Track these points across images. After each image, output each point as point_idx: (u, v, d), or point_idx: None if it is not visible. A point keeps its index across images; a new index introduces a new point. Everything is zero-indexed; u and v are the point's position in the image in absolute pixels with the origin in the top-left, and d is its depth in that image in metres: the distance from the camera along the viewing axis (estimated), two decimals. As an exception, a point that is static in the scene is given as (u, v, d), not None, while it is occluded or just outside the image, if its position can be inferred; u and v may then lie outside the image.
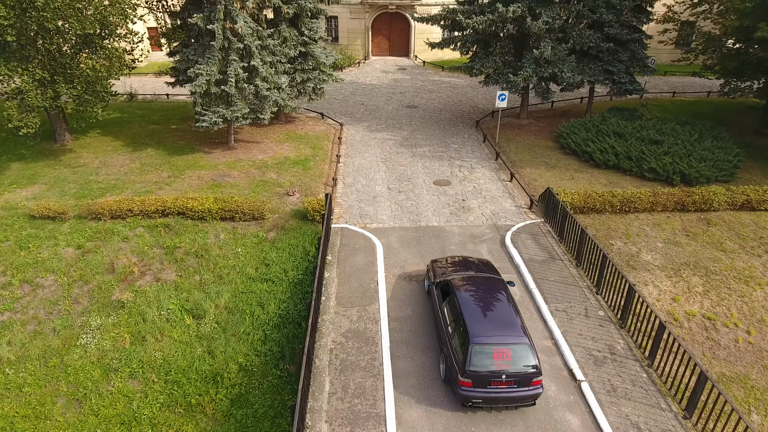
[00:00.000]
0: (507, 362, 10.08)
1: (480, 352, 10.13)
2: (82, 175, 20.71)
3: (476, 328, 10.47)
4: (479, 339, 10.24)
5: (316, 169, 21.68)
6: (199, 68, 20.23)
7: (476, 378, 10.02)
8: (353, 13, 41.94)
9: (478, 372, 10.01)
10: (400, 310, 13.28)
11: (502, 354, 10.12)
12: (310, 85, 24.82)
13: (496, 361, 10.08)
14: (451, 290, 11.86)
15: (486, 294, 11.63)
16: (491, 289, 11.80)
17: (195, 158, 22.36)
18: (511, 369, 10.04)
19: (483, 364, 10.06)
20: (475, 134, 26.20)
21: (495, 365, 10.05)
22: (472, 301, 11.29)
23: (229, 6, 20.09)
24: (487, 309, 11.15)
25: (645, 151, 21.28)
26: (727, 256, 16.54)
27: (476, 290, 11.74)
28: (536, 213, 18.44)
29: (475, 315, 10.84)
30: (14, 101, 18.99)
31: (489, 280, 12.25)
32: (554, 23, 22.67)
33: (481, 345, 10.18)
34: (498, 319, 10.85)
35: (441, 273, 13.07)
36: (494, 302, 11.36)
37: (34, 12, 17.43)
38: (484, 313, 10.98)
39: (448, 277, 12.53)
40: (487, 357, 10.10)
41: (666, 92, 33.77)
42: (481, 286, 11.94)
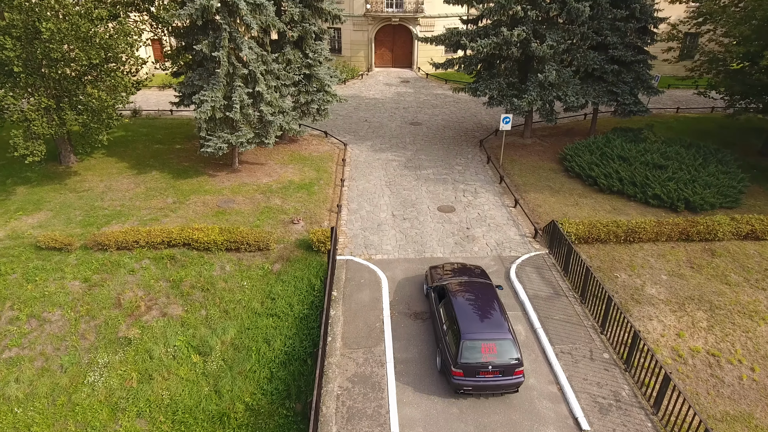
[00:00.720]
0: (493, 355, 11.69)
1: (470, 346, 11.72)
2: (87, 201, 20.78)
3: (467, 326, 12.08)
4: (469, 335, 11.85)
5: (320, 193, 21.72)
6: (204, 95, 20.28)
7: (467, 368, 11.60)
8: (356, 25, 41.93)
9: (468, 363, 11.60)
10: (405, 351, 13.34)
11: (489, 348, 11.74)
12: (314, 107, 24.85)
13: (484, 354, 11.69)
14: (446, 293, 13.37)
15: (477, 296, 13.22)
16: (481, 293, 13.40)
17: (200, 182, 22.42)
18: (497, 361, 11.64)
19: (472, 356, 11.65)
20: (479, 154, 26.21)
21: (483, 358, 11.65)
22: (464, 302, 12.92)
23: (234, 32, 20.13)
24: (477, 309, 12.76)
25: (649, 176, 21.28)
26: (731, 290, 16.56)
27: (468, 293, 13.35)
28: (540, 242, 18.48)
29: (467, 315, 12.45)
30: (20, 129, 19.07)
31: (480, 285, 13.83)
32: (559, 47, 22.66)
33: (471, 340, 11.78)
34: (486, 318, 12.45)
35: (438, 278, 14.63)
36: (484, 304, 12.95)
37: (40, 43, 17.49)
38: (474, 313, 12.59)
39: (444, 282, 14.10)
40: (476, 351, 11.70)
41: (670, 108, 33.73)
42: (473, 290, 13.52)
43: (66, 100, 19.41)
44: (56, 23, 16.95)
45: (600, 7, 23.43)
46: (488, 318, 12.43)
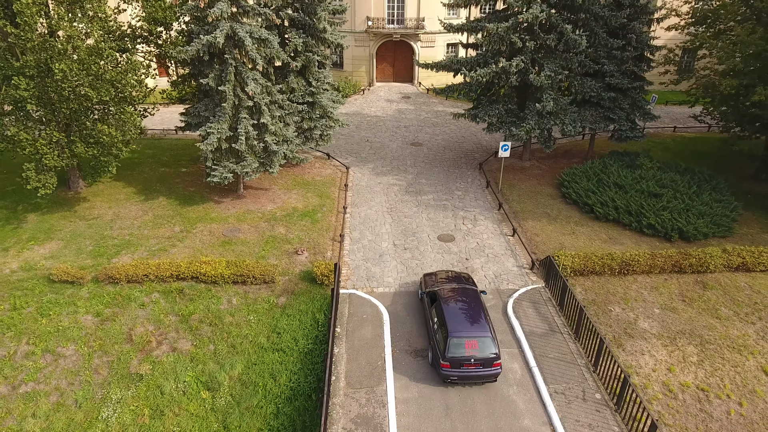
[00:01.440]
0: (475, 350, 13.73)
1: (456, 343, 13.80)
2: (97, 230, 21.37)
3: (454, 326, 14.19)
4: (456, 334, 13.94)
5: (323, 221, 22.30)
6: (211, 127, 20.85)
7: (453, 361, 13.67)
8: (358, 41, 42.42)
9: (454, 357, 13.66)
10: (406, 390, 13.92)
11: (471, 344, 13.81)
12: (317, 133, 25.42)
13: (468, 350, 13.73)
14: (437, 298, 15.48)
15: (463, 300, 15.24)
16: (468, 297, 15.43)
17: (206, 209, 23.00)
18: (478, 355, 13.67)
19: (458, 351, 13.70)
20: (478, 178, 26.76)
21: (467, 352, 13.67)
22: (452, 306, 14.99)
23: (240, 66, 20.68)
24: (463, 312, 14.82)
25: (644, 205, 21.82)
26: (721, 324, 17.12)
27: (456, 298, 15.39)
28: (537, 274, 19.05)
29: (454, 316, 14.55)
30: (32, 163, 19.66)
31: (466, 290, 15.81)
32: (557, 77, 23.19)
33: (457, 338, 13.86)
34: (470, 319, 14.54)
35: (430, 284, 16.57)
36: (469, 307, 15.03)
37: (53, 82, 18.06)
38: (460, 315, 14.66)
39: (435, 288, 16.15)
40: (461, 346, 13.77)
41: (668, 127, 34.23)
42: (460, 295, 15.52)
43: (77, 133, 19.97)
44: (68, 64, 17.51)
45: (597, 36, 24.00)
46: (472, 319, 14.57)
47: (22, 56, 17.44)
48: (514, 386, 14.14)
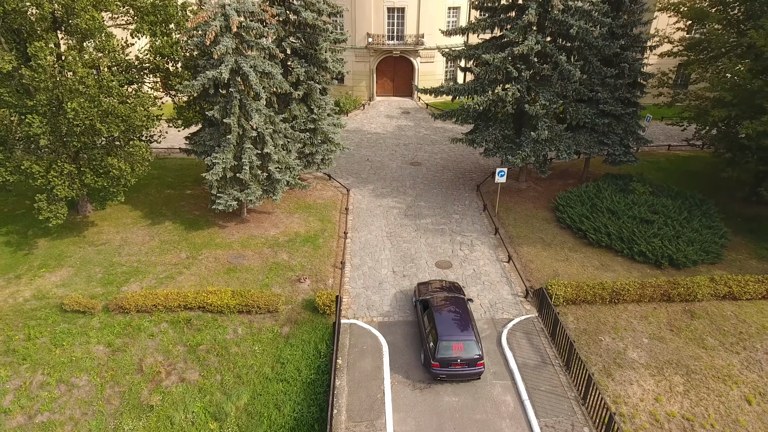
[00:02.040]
0: (461, 351, 15.55)
1: (445, 345, 15.61)
2: (106, 256, 22.09)
3: (443, 330, 16.02)
4: (445, 337, 15.78)
5: (325, 247, 23.00)
6: (216, 157, 21.55)
7: (442, 361, 15.47)
8: (358, 57, 43.09)
9: (443, 357, 15.46)
10: (404, 423, 14.65)
11: (458, 346, 15.63)
12: (319, 157, 26.11)
13: (455, 351, 15.55)
14: (429, 305, 17.31)
15: (452, 308, 17.05)
16: (456, 305, 17.25)
17: (210, 234, 23.71)
18: (464, 356, 15.49)
19: (446, 353, 15.51)
20: (475, 200, 27.46)
21: (454, 353, 15.47)
22: (442, 312, 16.82)
23: (244, 99, 21.35)
24: (451, 318, 16.60)
25: (636, 232, 22.52)
26: (707, 354, 17.82)
27: (445, 305, 17.23)
28: (531, 303, 19.76)
29: (443, 321, 16.37)
30: (43, 194, 20.35)
31: (455, 298, 17.64)
32: (551, 106, 23.86)
33: (446, 341, 15.68)
34: (458, 324, 16.35)
35: (423, 293, 18.47)
36: (456, 314, 16.82)
37: (65, 119, 18.75)
38: (449, 320, 16.46)
39: (427, 296, 18.00)
40: (449, 348, 15.58)
41: (662, 145, 34.88)
42: (449, 303, 17.35)
43: (86, 164, 20.65)
44: (80, 102, 18.20)
45: (591, 65, 24.65)
46: (459, 324, 16.39)
47: (35, 95, 18.10)
48: (507, 419, 14.86)
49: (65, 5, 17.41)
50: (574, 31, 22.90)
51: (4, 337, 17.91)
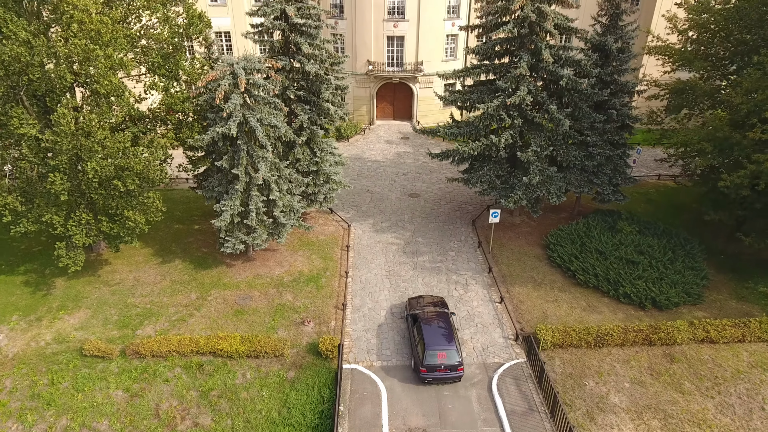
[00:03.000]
0: (445, 359, 18.59)
1: (431, 354, 18.64)
2: (120, 297, 23.38)
3: (429, 341, 19.00)
4: (431, 347, 18.78)
5: (327, 287, 24.28)
6: (225, 204, 22.79)
7: (429, 368, 18.56)
8: (359, 83, 44.30)
9: (429, 364, 18.53)
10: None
11: (442, 355, 18.62)
12: (321, 196, 27.37)
13: (439, 359, 18.58)
14: (418, 318, 20.32)
15: (437, 321, 20.06)
16: (441, 318, 20.25)
17: (218, 273, 24.99)
18: (447, 363, 18.56)
19: (432, 360, 18.57)
20: (471, 236, 28.72)
21: (438, 361, 18.51)
22: (429, 325, 19.79)
23: (251, 151, 22.59)
24: (436, 330, 19.55)
25: (622, 273, 23.77)
26: (684, 398, 19.10)
27: (432, 319, 20.24)
28: (521, 346, 21.04)
29: (430, 333, 19.36)
30: (62, 242, 21.63)
31: (440, 313, 20.67)
32: (542, 152, 25.09)
33: (432, 350, 18.67)
34: (442, 335, 19.33)
35: (413, 307, 21.55)
36: (440, 326, 19.80)
37: (84, 176, 20.03)
38: (435, 332, 19.41)
39: (417, 311, 21.03)
40: (434, 357, 18.60)
41: (652, 174, 36.06)
42: (435, 316, 20.36)
43: (103, 214, 21.91)
44: (99, 162, 19.47)
45: (581, 110, 25.86)
46: (443, 335, 19.33)
47: (57, 155, 19.36)
48: (495, 466, 16.19)
49: (86, 74, 18.63)
50: (563, 82, 24.12)
51: (29, 382, 19.23)
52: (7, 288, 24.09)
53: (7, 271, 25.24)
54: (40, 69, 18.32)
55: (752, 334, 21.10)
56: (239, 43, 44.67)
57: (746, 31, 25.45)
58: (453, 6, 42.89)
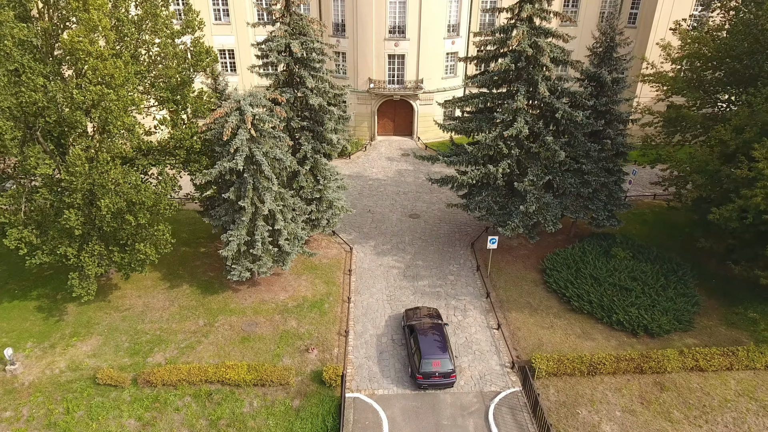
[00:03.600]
0: (439, 367, 20.32)
1: (427, 362, 20.42)
2: (130, 323, 24.22)
3: (425, 350, 20.80)
4: (427, 356, 20.55)
5: (330, 313, 25.09)
6: (231, 234, 23.58)
7: (424, 375, 20.31)
8: (360, 100, 45.08)
9: (425, 372, 20.28)
10: (401, 501, 16.81)
11: (437, 363, 20.39)
12: (324, 222, 28.15)
13: (434, 367, 20.31)
14: (414, 329, 22.12)
15: (432, 331, 21.87)
16: (435, 330, 22.03)
17: (225, 299, 25.82)
18: (441, 370, 20.30)
19: (428, 368, 20.30)
20: (470, 259, 29.51)
21: (433, 368, 20.25)
22: (424, 335, 21.59)
23: (257, 183, 23.37)
24: (431, 340, 21.34)
25: (615, 300, 24.56)
26: (673, 427, 19.89)
27: (427, 329, 22.02)
28: (517, 374, 21.85)
29: (425, 343, 21.16)
30: (75, 273, 22.45)
31: (435, 324, 22.41)
32: (539, 181, 25.86)
33: (428, 359, 20.44)
34: (436, 345, 21.10)
35: (409, 318, 23.25)
36: (435, 336, 21.60)
37: (98, 213, 20.84)
38: (430, 342, 21.21)
39: (413, 322, 22.81)
40: (429, 364, 20.38)
41: (647, 193, 36.81)
42: (430, 327, 22.14)
43: (114, 245, 22.73)
44: (112, 199, 20.27)
45: (576, 139, 26.61)
46: (437, 345, 21.11)
47: (71, 193, 20.16)
48: (491, 497, 17.01)
49: (101, 117, 19.42)
50: (559, 114, 24.89)
51: (45, 410, 20.08)
52: (22, 313, 24.94)
53: (21, 295, 26.09)
54: (56, 112, 19.11)
55: (740, 363, 21.90)
56: (242, 61, 45.49)
57: (737, 60, 26.21)
58: (453, 24, 43.66)
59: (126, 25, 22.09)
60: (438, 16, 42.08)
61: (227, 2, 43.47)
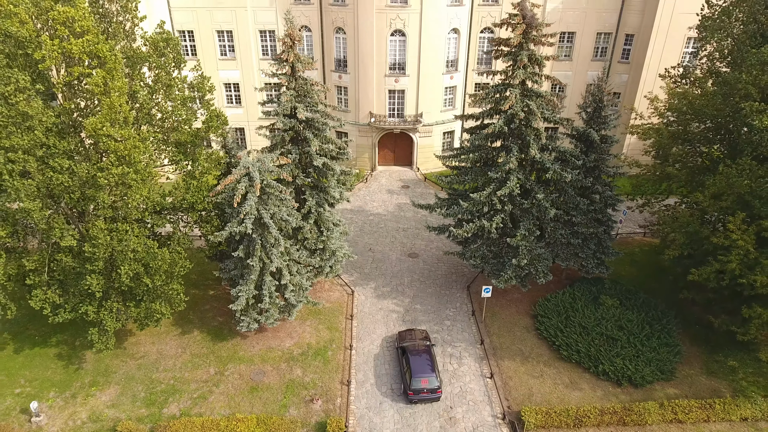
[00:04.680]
0: (427, 384, 23.79)
1: (417, 380, 23.90)
2: (146, 372, 25.77)
3: (415, 369, 24.23)
4: (416, 375, 24.03)
5: (333, 361, 26.63)
6: (240, 290, 25.09)
7: (415, 391, 23.79)
8: (362, 132, 46.51)
9: (415, 389, 23.77)
10: None
11: (425, 381, 23.88)
12: (327, 269, 29.65)
13: (423, 384, 23.81)
14: (406, 351, 25.42)
15: (421, 352, 25.30)
16: (424, 350, 25.44)
17: (234, 346, 27.36)
18: (428, 386, 23.78)
19: (417, 385, 23.84)
20: (466, 303, 30.99)
21: (422, 386, 23.78)
22: (414, 356, 24.99)
23: (265, 243, 24.85)
24: (420, 360, 24.74)
25: (602, 350, 26.05)
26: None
27: (417, 350, 25.47)
28: (508, 426, 23.38)
29: (416, 363, 24.53)
30: (95, 328, 23.97)
31: (424, 345, 25.83)
32: (530, 236, 27.31)
33: (417, 378, 23.93)
34: (425, 364, 24.54)
35: (403, 339, 26.67)
36: (424, 356, 25.02)
37: (118, 277, 22.36)
38: (419, 362, 24.61)
39: (405, 344, 26.13)
40: (419, 382, 23.87)
41: (638, 231, 38.23)
42: (420, 348, 25.58)
43: (132, 301, 24.26)
44: (131, 265, 21.79)
45: (567, 194, 28.05)
46: (426, 364, 24.56)
47: (94, 263, 21.66)
48: None
49: (122, 192, 20.91)
50: (549, 174, 26.34)
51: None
52: (43, 361, 26.52)
53: (41, 342, 27.67)
54: (81, 191, 20.60)
55: (716, 415, 23.41)
56: (247, 94, 46.92)
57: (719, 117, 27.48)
58: (451, 60, 45.01)
59: (140, 92, 23.56)
60: (437, 53, 43.43)
61: (233, 38, 44.83)
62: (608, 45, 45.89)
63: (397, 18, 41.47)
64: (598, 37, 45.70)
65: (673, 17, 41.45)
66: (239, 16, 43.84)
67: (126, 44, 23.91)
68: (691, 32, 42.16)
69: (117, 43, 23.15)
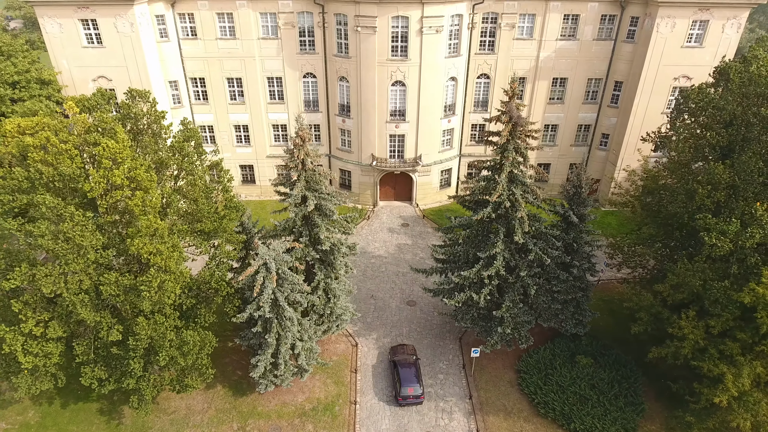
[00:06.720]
0: (412, 392, 30.60)
1: (405, 388, 30.60)
2: (178, 428, 29.68)
3: (404, 380, 30.97)
4: (405, 384, 30.81)
5: (340, 416, 30.50)
6: (259, 359, 28.76)
7: (403, 397, 30.54)
8: (364, 171, 49.44)
9: (404, 395, 30.51)
10: None
11: (411, 389, 30.69)
12: (334, 327, 33.26)
13: (410, 392, 30.60)
14: (397, 364, 31.88)
15: (409, 366, 31.85)
16: (412, 364, 31.99)
17: (253, 401, 31.20)
18: (413, 394, 30.58)
19: (405, 392, 30.52)
20: (458, 355, 34.68)
21: (409, 393, 30.58)
22: (403, 369, 31.63)
23: (281, 321, 28.35)
24: (409, 372, 31.39)
25: (575, 409, 29.84)
26: None
27: (406, 363, 32.03)
28: (490, 482, 27.40)
29: (405, 375, 31.24)
30: (135, 396, 27.73)
31: (412, 359, 32.40)
32: (515, 307, 30.77)
33: (405, 387, 30.62)
34: (412, 376, 31.27)
35: (396, 353, 33.16)
36: (411, 369, 31.70)
37: (156, 359, 26.00)
38: (408, 374, 31.33)
39: (396, 358, 32.59)
40: (407, 390, 30.58)
41: (617, 278, 41.59)
42: (409, 362, 32.11)
43: (166, 374, 27.98)
44: (168, 351, 25.35)
45: (549, 268, 31.36)
46: (413, 376, 31.18)
47: (136, 351, 25.23)
48: None
49: (159, 297, 24.35)
50: (532, 255, 29.61)
51: None
52: (87, 416, 30.44)
53: (83, 397, 31.52)
54: (125, 296, 24.02)
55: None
56: (256, 135, 49.69)
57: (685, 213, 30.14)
58: (449, 105, 47.57)
59: (170, 195, 26.69)
60: (435, 100, 45.98)
61: (242, 85, 47.31)
62: (599, 89, 48.32)
63: (397, 70, 43.90)
64: (589, 82, 48.06)
65: (660, 68, 43.85)
66: (248, 65, 46.24)
67: (153, 151, 26.84)
68: (677, 82, 44.83)
69: (147, 155, 26.16)
